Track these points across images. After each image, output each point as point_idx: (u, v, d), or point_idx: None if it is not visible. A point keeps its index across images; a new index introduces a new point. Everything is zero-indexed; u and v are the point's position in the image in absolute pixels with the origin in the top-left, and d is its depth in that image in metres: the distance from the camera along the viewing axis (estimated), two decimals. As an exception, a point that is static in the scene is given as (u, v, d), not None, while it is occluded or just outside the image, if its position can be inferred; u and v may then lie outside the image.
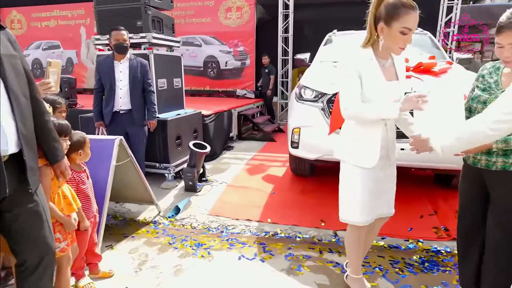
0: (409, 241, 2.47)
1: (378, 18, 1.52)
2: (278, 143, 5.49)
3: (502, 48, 1.36)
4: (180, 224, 2.81)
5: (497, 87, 1.46)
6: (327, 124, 2.74)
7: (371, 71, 1.55)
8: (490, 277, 1.55)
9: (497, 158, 1.45)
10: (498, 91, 1.43)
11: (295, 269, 2.14)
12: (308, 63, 4.18)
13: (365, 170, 1.60)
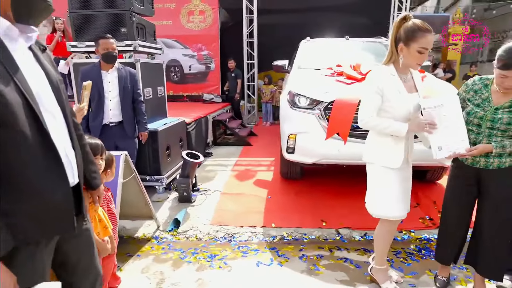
0: (402, 232, 2.74)
1: (398, 40, 1.72)
2: (255, 146, 5.59)
3: (505, 78, 1.62)
4: (184, 237, 2.76)
5: (489, 104, 1.72)
6: (324, 130, 2.91)
7: (394, 85, 1.73)
8: (492, 257, 1.83)
9: (494, 159, 1.73)
10: (491, 108, 1.70)
11: (314, 269, 2.26)
12: (287, 69, 4.33)
13: (395, 170, 1.78)
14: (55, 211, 1.01)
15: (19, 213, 0.93)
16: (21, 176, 0.93)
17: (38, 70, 1.04)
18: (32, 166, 0.95)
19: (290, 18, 8.03)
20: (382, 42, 4.71)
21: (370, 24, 7.87)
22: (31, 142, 0.94)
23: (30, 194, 0.95)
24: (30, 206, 0.95)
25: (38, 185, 0.96)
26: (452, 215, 1.97)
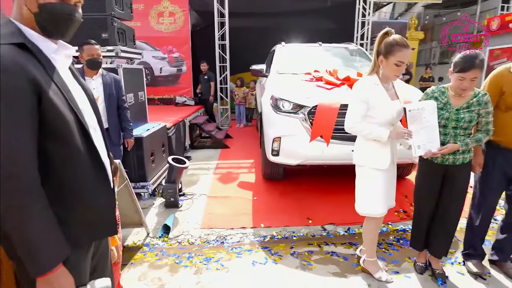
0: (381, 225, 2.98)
1: (379, 52, 1.92)
2: (232, 149, 5.67)
3: (463, 80, 1.87)
4: (176, 242, 2.79)
5: (450, 107, 1.98)
6: (307, 133, 3.08)
7: (378, 94, 1.93)
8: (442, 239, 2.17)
9: (459, 156, 2.00)
10: (453, 109, 1.96)
11: (306, 264, 2.41)
12: (265, 73, 4.47)
13: (381, 171, 1.97)
14: (102, 217, 1.09)
15: (72, 221, 1.00)
16: (73, 187, 1.00)
17: (77, 86, 1.09)
18: (83, 178, 1.02)
19: (261, 21, 8.21)
20: (351, 48, 5.01)
21: (336, 28, 8.28)
22: (83, 156, 1.01)
23: (81, 203, 1.02)
24: (81, 214, 1.02)
25: (88, 194, 1.03)
26: (425, 207, 2.21)
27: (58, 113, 0.93)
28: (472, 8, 11.83)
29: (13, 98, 0.84)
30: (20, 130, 0.86)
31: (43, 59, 0.96)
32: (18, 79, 0.85)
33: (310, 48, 4.85)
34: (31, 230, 0.88)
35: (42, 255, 0.90)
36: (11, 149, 0.84)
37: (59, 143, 0.95)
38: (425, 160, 2.11)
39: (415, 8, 15.10)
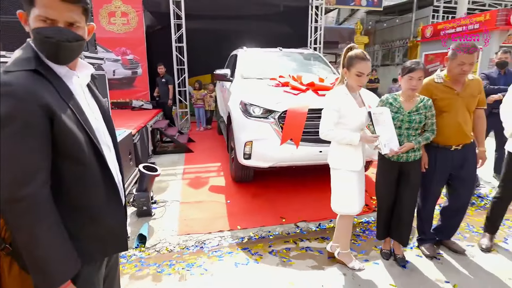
0: (347, 219, 3.26)
1: (344, 65, 2.14)
2: (196, 153, 5.65)
3: (411, 79, 2.17)
4: (154, 251, 2.77)
5: (403, 110, 2.27)
6: (278, 137, 3.24)
7: (348, 102, 2.14)
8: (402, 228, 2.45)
9: (412, 153, 2.29)
10: (406, 112, 2.26)
11: (286, 261, 2.57)
12: (230, 78, 4.55)
13: (355, 172, 2.19)
14: (114, 233, 1.12)
15: (84, 237, 1.03)
16: (86, 204, 1.03)
17: (94, 105, 1.10)
18: (95, 195, 1.05)
19: (218, 24, 8.24)
20: (309, 52, 5.31)
21: (291, 33, 8.62)
22: (95, 174, 1.04)
23: (94, 220, 1.05)
24: (93, 230, 1.06)
25: (101, 212, 1.07)
26: (386, 200, 2.49)
27: (70, 135, 0.96)
28: (408, 16, 13.06)
29: (25, 124, 0.87)
30: (31, 154, 0.89)
31: (57, 83, 0.98)
32: (29, 105, 0.87)
33: (271, 53, 5.04)
34: (41, 248, 0.91)
35: (51, 272, 0.93)
36: (23, 172, 0.88)
37: (71, 162, 0.98)
38: (383, 158, 2.38)
39: (358, 13, 16.21)
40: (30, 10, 0.93)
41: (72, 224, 0.98)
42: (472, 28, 7.71)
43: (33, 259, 0.90)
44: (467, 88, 2.32)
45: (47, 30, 0.92)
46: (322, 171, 4.09)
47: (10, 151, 0.86)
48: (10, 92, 0.85)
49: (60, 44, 0.94)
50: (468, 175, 2.46)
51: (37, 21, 0.92)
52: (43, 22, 0.92)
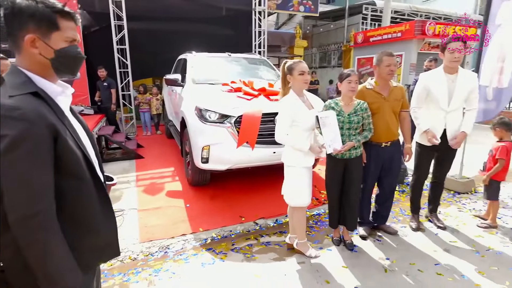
0: (301, 213, 3.55)
1: (286, 74, 2.45)
2: (147, 158, 5.54)
3: (351, 82, 2.53)
4: (117, 261, 2.74)
5: (343, 113, 2.62)
6: (234, 140, 3.41)
7: (299, 106, 2.41)
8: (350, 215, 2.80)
9: (353, 151, 2.64)
10: (346, 114, 2.61)
11: (250, 256, 2.75)
12: (182, 83, 4.58)
13: (307, 169, 2.46)
14: (108, 242, 1.21)
15: (83, 248, 1.10)
16: (84, 217, 1.11)
17: (77, 123, 1.15)
18: (92, 208, 1.12)
19: (162, 25, 8.08)
20: (256, 57, 5.56)
21: (235, 36, 8.82)
22: (91, 188, 1.12)
23: (91, 231, 1.13)
24: (91, 241, 1.13)
25: (98, 223, 1.15)
26: (334, 193, 2.82)
27: (71, 153, 1.03)
28: (341, 22, 14.17)
29: (36, 144, 0.94)
30: (42, 172, 0.96)
31: (52, 104, 1.03)
32: (39, 127, 0.94)
33: (220, 58, 5.17)
34: (51, 262, 0.97)
35: (62, 283, 1.00)
36: (36, 190, 0.94)
37: (71, 178, 1.05)
38: (330, 157, 2.70)
39: (296, 18, 17.06)
40: (50, 34, 1.02)
41: (71, 236, 1.04)
42: (396, 36, 8.75)
43: (46, 272, 0.96)
44: (392, 94, 2.75)
45: (75, 48, 1.09)
46: (275, 171, 4.37)
47: (25, 170, 0.91)
48: (21, 115, 0.91)
49: (82, 58, 1.13)
50: (395, 168, 2.91)
51: (63, 42, 1.05)
52: (67, 43, 1.06)
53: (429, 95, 2.90)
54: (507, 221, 3.34)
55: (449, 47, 2.75)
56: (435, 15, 14.53)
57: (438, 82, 2.86)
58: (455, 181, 4.18)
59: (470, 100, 2.89)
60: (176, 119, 5.08)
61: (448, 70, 2.85)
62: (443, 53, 2.85)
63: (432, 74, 2.94)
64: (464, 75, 2.85)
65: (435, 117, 2.91)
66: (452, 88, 2.82)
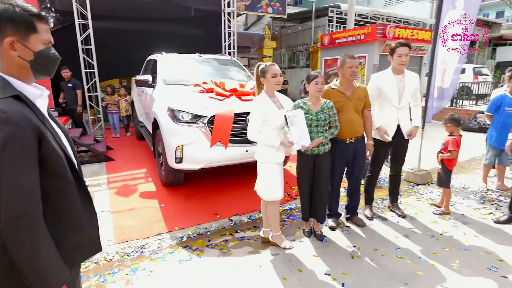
0: (274, 208, 3.70)
1: (260, 77, 2.58)
2: (118, 161, 5.45)
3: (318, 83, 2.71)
4: (92, 263, 2.73)
5: (311, 111, 2.80)
6: (208, 140, 3.49)
7: (269, 106, 2.55)
8: (320, 208, 2.99)
9: (322, 147, 2.83)
10: (314, 113, 2.79)
11: (226, 251, 2.85)
12: (152, 84, 4.57)
13: (279, 164, 2.61)
14: (91, 238, 1.26)
15: (67, 245, 1.14)
16: (68, 215, 1.15)
17: (55, 124, 1.19)
18: (75, 205, 1.17)
19: (129, 25, 7.90)
20: (227, 58, 5.65)
21: (205, 36, 8.82)
22: (73, 187, 1.16)
23: (74, 228, 1.17)
24: (74, 238, 1.18)
25: (80, 221, 1.19)
26: (305, 187, 3.00)
27: (54, 154, 1.08)
28: (308, 24, 14.58)
29: (23, 147, 0.98)
30: (29, 173, 1.00)
31: (33, 106, 1.07)
32: (24, 129, 0.98)
33: (191, 59, 5.21)
34: (41, 260, 1.02)
35: (51, 281, 1.05)
36: (24, 190, 0.98)
37: (55, 178, 1.10)
38: (301, 153, 2.87)
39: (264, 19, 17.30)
40: (28, 36, 1.05)
41: (56, 234, 1.08)
42: (359, 38, 9.19)
43: (36, 270, 1.00)
44: (355, 93, 2.97)
45: (51, 50, 1.13)
46: (248, 169, 4.50)
47: (12, 171, 0.94)
48: (7, 118, 0.93)
49: (59, 59, 1.17)
50: (359, 162, 3.13)
51: (41, 44, 1.09)
52: (45, 45, 1.10)
53: (381, 94, 3.16)
54: (459, 208, 3.70)
55: (397, 52, 3.03)
56: (395, 18, 15.38)
57: (388, 82, 3.14)
58: (414, 173, 4.53)
59: (416, 97, 3.22)
60: (148, 120, 5.05)
61: (396, 71, 3.14)
62: (392, 57, 3.13)
63: (382, 75, 3.22)
64: (409, 75, 3.18)
65: (389, 114, 3.18)
66: (401, 87, 3.12)
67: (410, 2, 19.37)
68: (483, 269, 2.57)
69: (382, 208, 3.68)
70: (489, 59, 19.83)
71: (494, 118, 4.10)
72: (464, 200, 3.90)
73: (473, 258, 2.72)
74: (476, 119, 8.13)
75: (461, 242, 2.97)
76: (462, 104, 10.10)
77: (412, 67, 9.17)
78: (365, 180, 3.49)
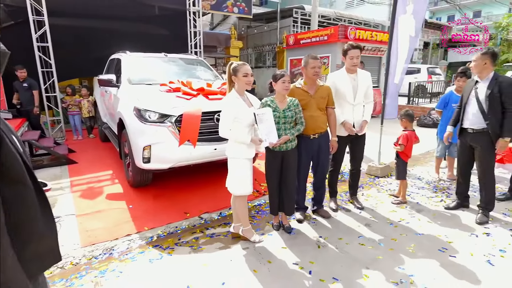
0: (243, 205, 3.78)
1: (231, 75, 2.64)
2: (82, 163, 5.25)
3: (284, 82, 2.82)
4: (57, 268, 2.64)
5: (279, 109, 2.92)
6: (176, 139, 3.49)
7: (240, 104, 2.62)
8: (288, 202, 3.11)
9: (289, 144, 2.96)
10: (281, 110, 2.91)
11: (197, 248, 2.89)
12: (117, 84, 4.47)
13: (248, 160, 2.69)
14: (51, 247, 1.19)
15: (28, 254, 1.08)
16: (28, 223, 1.08)
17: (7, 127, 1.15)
18: (34, 213, 1.10)
19: (89, 23, 7.59)
20: (193, 58, 5.64)
21: (170, 36, 8.69)
22: (31, 193, 1.09)
23: (34, 237, 1.11)
24: (35, 247, 1.12)
25: (40, 229, 1.12)
26: (274, 182, 3.11)
27: (13, 157, 1.01)
28: (274, 24, 14.82)
29: None
30: None
31: None
32: None
33: (157, 58, 5.14)
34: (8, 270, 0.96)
35: None
36: None
37: (14, 184, 1.02)
38: (269, 150, 2.97)
39: (230, 19, 17.33)
40: None
41: (16, 243, 1.01)
42: (323, 39, 9.52)
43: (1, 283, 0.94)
44: (318, 92, 3.13)
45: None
46: (217, 167, 4.54)
47: None
48: None
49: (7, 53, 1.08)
50: (323, 157, 3.29)
51: None
52: None
53: (337, 92, 3.34)
54: (414, 197, 4.00)
55: (349, 54, 3.25)
56: (356, 20, 16.06)
57: (343, 80, 3.35)
58: (374, 167, 4.81)
59: (368, 94, 3.46)
60: (112, 121, 4.92)
61: (349, 71, 3.37)
62: (345, 57, 3.34)
63: (338, 74, 3.43)
64: (362, 74, 3.41)
65: (345, 111, 3.37)
66: (355, 85, 3.34)
67: (370, 5, 20.31)
68: (435, 251, 2.82)
69: (346, 200, 3.89)
70: (442, 60, 21.32)
71: (443, 113, 4.47)
72: (419, 190, 4.23)
73: (426, 241, 2.98)
74: (430, 116, 8.75)
75: (416, 228, 3.23)
76: (418, 102, 10.80)
77: (372, 67, 9.66)
78: (328, 175, 3.67)
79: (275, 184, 3.08)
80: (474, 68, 3.24)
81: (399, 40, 4.45)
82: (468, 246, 2.89)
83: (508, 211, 3.58)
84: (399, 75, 4.55)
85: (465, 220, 3.39)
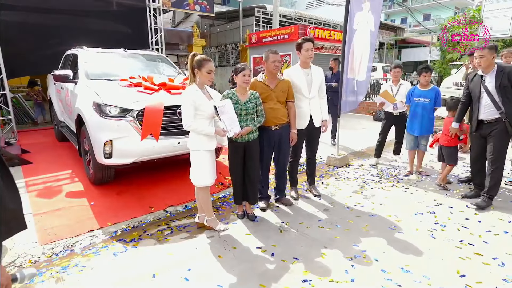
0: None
1: (194, 67, 2.69)
2: (37, 164, 4.99)
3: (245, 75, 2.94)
4: (14, 267, 2.55)
5: (240, 101, 3.04)
6: (138, 133, 3.47)
7: (200, 97, 2.70)
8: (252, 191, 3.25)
9: (251, 135, 3.09)
10: (243, 103, 3.03)
11: (163, 239, 2.92)
12: (74, 79, 4.33)
13: (210, 152, 2.77)
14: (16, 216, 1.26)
15: None
16: None
17: None
18: None
19: (44, 18, 7.19)
20: (154, 54, 5.59)
21: (130, 32, 8.47)
22: None
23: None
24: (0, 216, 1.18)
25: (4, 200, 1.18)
26: (238, 173, 3.22)
27: None
28: (236, 23, 14.92)
29: None
30: None
31: None
32: None
33: (116, 54, 5.03)
34: None
35: None
36: None
37: None
38: (232, 141, 3.08)
39: (193, 17, 17.17)
40: None
41: None
42: (284, 37, 9.80)
43: None
44: (279, 86, 3.28)
45: None
46: (181, 161, 4.57)
47: None
48: None
49: None
50: (284, 148, 3.45)
51: None
52: None
53: (293, 86, 3.51)
54: (369, 183, 4.31)
55: (304, 46, 3.40)
56: (316, 20, 16.63)
57: (298, 75, 3.50)
58: (334, 158, 5.10)
59: (322, 89, 3.63)
60: (70, 118, 4.75)
61: (303, 65, 3.51)
62: (299, 52, 3.48)
63: (293, 69, 3.57)
64: (315, 69, 3.57)
65: (302, 105, 3.52)
66: (309, 79, 3.50)
67: (329, 6, 21.09)
68: (385, 229, 3.09)
69: (306, 189, 4.10)
70: (396, 59, 22.69)
71: (410, 108, 4.64)
72: (373, 177, 4.55)
73: (378, 221, 3.25)
74: (384, 111, 9.33)
75: (370, 210, 3.51)
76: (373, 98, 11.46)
77: (331, 65, 10.09)
78: (289, 165, 3.83)
79: (238, 174, 3.19)
80: (481, 63, 3.37)
81: (359, 35, 4.70)
82: (414, 223, 3.20)
83: (457, 191, 3.99)
84: (364, 72, 4.79)
85: (413, 201, 3.73)
